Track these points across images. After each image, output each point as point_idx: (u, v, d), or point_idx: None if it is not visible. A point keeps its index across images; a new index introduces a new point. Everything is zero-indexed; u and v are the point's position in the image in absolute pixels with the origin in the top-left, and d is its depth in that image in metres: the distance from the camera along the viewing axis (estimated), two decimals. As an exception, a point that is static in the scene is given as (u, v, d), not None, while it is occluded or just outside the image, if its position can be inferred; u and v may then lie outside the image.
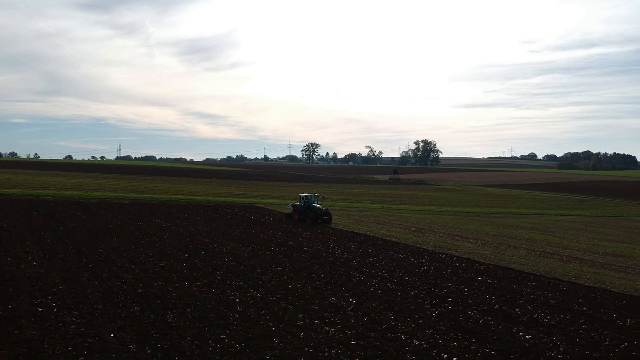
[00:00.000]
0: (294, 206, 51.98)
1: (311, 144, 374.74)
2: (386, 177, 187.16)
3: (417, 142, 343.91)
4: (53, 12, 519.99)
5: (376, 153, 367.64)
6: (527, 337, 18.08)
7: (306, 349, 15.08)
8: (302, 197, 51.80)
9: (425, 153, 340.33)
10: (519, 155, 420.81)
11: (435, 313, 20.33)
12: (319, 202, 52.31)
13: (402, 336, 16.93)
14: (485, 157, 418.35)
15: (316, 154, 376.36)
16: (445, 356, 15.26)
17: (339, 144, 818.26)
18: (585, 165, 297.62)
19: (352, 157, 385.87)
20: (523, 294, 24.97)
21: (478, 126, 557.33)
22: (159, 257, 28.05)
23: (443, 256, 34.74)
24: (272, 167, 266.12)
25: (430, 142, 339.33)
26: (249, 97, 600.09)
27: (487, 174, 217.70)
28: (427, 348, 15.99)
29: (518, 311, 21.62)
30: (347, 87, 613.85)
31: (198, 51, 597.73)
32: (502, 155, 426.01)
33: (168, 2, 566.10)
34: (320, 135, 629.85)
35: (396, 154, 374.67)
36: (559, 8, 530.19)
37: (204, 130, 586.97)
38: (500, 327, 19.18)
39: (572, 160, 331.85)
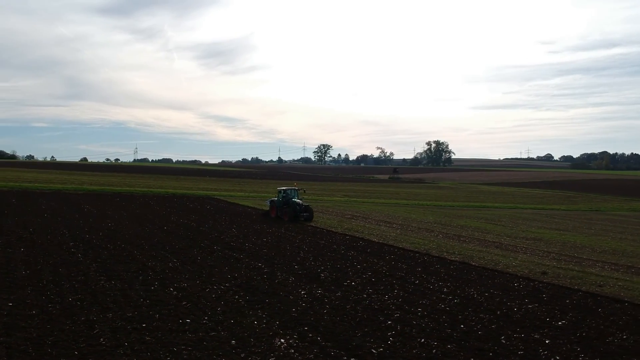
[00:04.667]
0: (271, 202, 45.63)
1: (323, 145, 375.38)
2: (386, 177, 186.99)
3: (429, 143, 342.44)
4: (73, 17, 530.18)
5: (387, 154, 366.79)
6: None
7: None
8: (281, 191, 45.37)
9: (437, 154, 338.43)
10: (535, 157, 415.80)
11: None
12: (300, 197, 46.41)
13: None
14: (502, 159, 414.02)
15: (328, 155, 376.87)
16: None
17: (357, 146, 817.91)
18: (598, 165, 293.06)
19: (363, 158, 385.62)
20: (359, 260, 25.96)
21: (497, 128, 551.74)
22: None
23: (347, 237, 35.59)
24: (279, 168, 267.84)
25: (442, 143, 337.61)
26: (266, 100, 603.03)
27: (491, 173, 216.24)
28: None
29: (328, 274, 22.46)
30: (364, 89, 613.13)
31: (216, 55, 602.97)
32: (519, 157, 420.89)
33: (186, 7, 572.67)
34: (337, 138, 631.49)
35: (411, 156, 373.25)
36: (578, 8, 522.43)
37: (223, 133, 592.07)
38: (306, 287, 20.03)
39: (588, 161, 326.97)
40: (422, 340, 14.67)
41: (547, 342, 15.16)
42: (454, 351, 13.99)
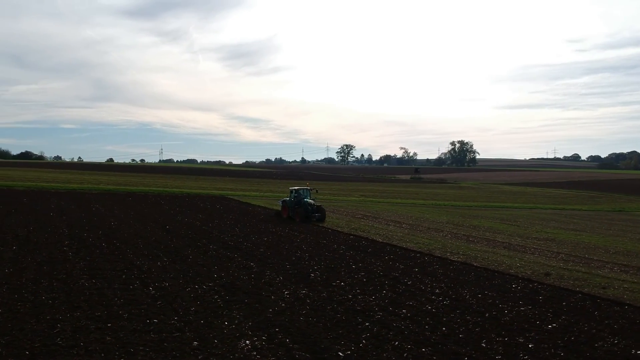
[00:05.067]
0: (283, 202, 44.81)
1: (346, 145, 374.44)
2: (408, 177, 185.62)
3: (453, 143, 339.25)
4: (100, 20, 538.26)
5: (411, 154, 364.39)
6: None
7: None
8: (292, 190, 44.32)
9: (461, 154, 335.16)
10: (562, 157, 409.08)
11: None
12: (312, 197, 45.16)
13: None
14: (527, 159, 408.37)
15: (351, 155, 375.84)
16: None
17: (381, 146, 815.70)
18: (627, 165, 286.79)
19: (387, 158, 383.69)
20: (356, 260, 25.61)
21: (523, 128, 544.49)
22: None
23: (351, 237, 35.03)
24: (301, 169, 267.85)
25: (466, 143, 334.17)
26: (290, 101, 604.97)
27: (515, 173, 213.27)
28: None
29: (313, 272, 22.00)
30: (388, 89, 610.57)
31: (241, 56, 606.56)
32: (545, 157, 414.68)
33: (211, 9, 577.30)
34: (361, 138, 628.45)
35: (435, 156, 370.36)
36: (607, 6, 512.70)
37: (247, 134, 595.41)
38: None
39: (616, 161, 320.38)
40: (397, 343, 14.04)
41: (530, 346, 14.41)
42: (427, 355, 13.35)
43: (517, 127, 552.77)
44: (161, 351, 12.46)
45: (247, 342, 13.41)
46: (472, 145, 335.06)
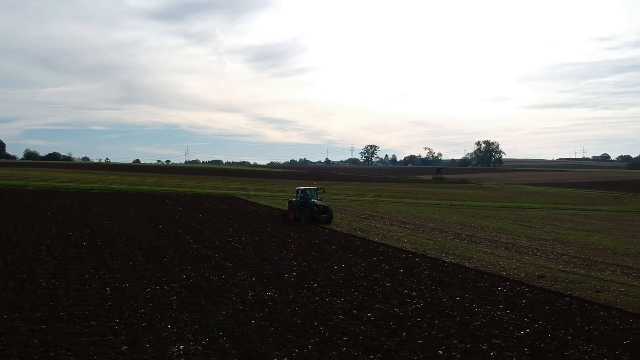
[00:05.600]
0: (289, 202, 43.31)
1: (370, 146, 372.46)
2: (430, 177, 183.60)
3: (478, 143, 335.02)
4: (128, 23, 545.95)
5: (435, 155, 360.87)
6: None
7: None
8: (299, 190, 42.67)
9: (487, 154, 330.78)
10: (590, 157, 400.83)
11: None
12: (320, 197, 43.69)
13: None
14: (555, 159, 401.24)
15: (375, 156, 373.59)
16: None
17: (407, 147, 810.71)
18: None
19: (411, 159, 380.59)
20: (341, 261, 24.89)
21: (551, 127, 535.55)
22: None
23: (347, 237, 34.22)
24: (324, 169, 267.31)
25: (492, 143, 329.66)
26: (315, 102, 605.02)
27: (541, 174, 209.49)
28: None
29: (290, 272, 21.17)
30: (413, 89, 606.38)
31: (266, 57, 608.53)
32: (573, 157, 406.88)
33: (237, 11, 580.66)
34: (386, 139, 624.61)
35: (461, 156, 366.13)
36: (637, 3, 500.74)
37: (273, 134, 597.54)
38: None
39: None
40: (344, 349, 13.07)
41: (492, 353, 13.34)
42: (372, 363, 12.36)
43: (545, 126, 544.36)
44: (83, 356, 11.75)
45: (182, 347, 12.61)
46: (497, 145, 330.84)
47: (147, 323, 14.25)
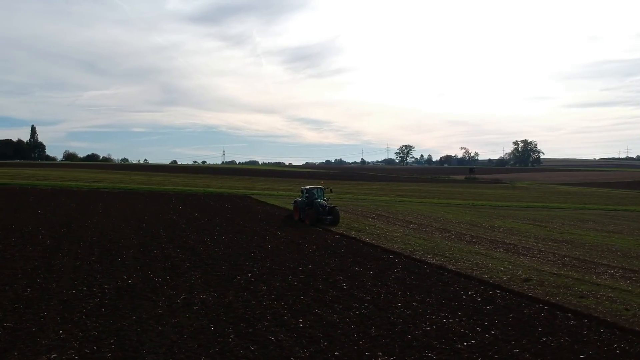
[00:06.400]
0: (295, 203, 41.19)
1: (405, 146, 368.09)
2: (462, 177, 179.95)
3: (516, 143, 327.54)
4: (167, 27, 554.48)
5: (472, 154, 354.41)
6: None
7: None
8: (304, 190, 40.61)
9: (525, 154, 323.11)
10: (635, 156, 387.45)
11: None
12: (326, 197, 41.34)
13: None
14: (597, 158, 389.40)
15: (410, 156, 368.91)
16: None
17: (445, 147, 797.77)
18: None
19: (447, 159, 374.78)
20: (314, 262, 23.01)
21: (593, 126, 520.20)
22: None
23: (337, 237, 32.89)
24: (357, 169, 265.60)
25: (530, 142, 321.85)
26: (352, 102, 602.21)
27: (578, 174, 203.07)
28: None
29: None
30: (451, 88, 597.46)
31: (302, 59, 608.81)
32: (616, 157, 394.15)
33: (274, 12, 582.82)
34: (423, 139, 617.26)
35: (499, 156, 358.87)
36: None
37: (309, 135, 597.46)
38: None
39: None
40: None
41: (412, 369, 11.57)
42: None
43: (587, 126, 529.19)
44: None
45: (55, 355, 11.25)
46: (536, 145, 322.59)
47: (37, 328, 12.96)
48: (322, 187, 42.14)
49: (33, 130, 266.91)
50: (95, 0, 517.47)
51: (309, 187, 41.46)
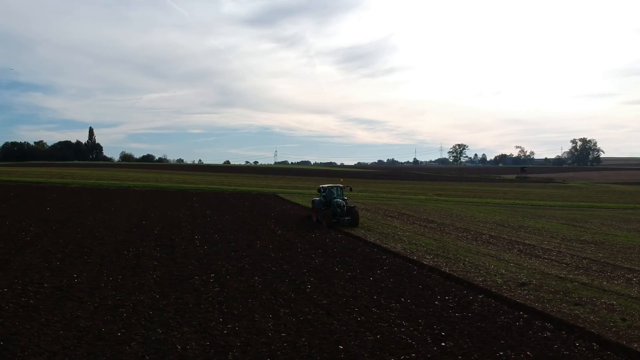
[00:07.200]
0: (313, 202, 38.76)
1: (458, 145, 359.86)
2: (514, 176, 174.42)
3: (574, 141, 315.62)
4: (223, 30, 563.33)
5: (527, 153, 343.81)
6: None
7: None
8: (321, 189, 38.41)
9: (583, 152, 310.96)
10: None
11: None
12: (345, 197, 38.49)
13: None
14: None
15: (464, 155, 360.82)
16: None
17: (501, 146, 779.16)
18: None
19: (502, 158, 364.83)
20: (297, 263, 21.43)
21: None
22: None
23: (339, 236, 31.35)
24: (409, 169, 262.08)
25: (589, 140, 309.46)
26: (406, 102, 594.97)
27: (637, 173, 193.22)
28: None
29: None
30: (508, 86, 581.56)
31: (356, 58, 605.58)
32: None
33: (326, 13, 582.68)
34: (479, 138, 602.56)
35: (555, 155, 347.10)
36: None
37: (362, 135, 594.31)
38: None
39: None
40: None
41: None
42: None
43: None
44: None
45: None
46: (595, 144, 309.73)
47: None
48: (341, 185, 39.64)
49: (91, 132, 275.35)
50: (154, 5, 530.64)
51: (327, 185, 39.03)
